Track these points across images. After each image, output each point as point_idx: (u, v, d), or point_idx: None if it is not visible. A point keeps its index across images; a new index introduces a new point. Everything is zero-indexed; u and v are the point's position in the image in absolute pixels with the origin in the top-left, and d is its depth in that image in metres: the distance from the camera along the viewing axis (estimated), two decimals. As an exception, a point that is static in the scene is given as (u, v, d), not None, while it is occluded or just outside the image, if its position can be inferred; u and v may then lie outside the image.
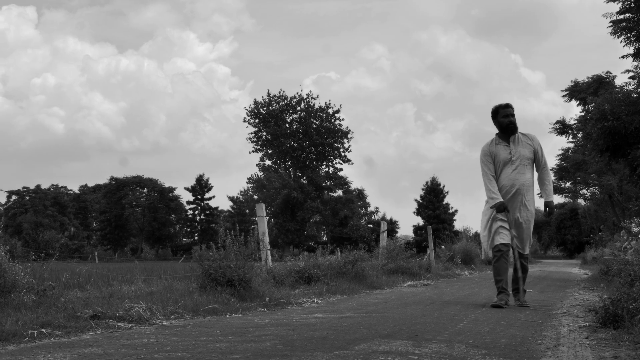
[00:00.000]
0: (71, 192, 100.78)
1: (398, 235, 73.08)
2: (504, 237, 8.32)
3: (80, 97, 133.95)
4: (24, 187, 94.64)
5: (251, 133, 76.88)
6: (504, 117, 8.50)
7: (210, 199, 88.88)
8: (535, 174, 8.68)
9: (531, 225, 8.62)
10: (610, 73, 29.65)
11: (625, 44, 20.62)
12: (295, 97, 76.21)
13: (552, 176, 8.80)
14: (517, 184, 8.38)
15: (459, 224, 75.06)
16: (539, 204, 8.97)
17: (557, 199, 77.65)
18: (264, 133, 76.15)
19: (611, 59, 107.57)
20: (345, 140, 76.87)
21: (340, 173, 78.18)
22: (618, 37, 20.58)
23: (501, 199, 8.34)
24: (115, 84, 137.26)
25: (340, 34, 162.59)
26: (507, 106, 8.56)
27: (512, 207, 8.40)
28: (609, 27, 20.63)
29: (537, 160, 8.60)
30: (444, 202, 77.51)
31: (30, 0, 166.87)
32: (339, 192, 79.37)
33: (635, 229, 8.67)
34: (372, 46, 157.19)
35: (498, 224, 8.40)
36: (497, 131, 8.67)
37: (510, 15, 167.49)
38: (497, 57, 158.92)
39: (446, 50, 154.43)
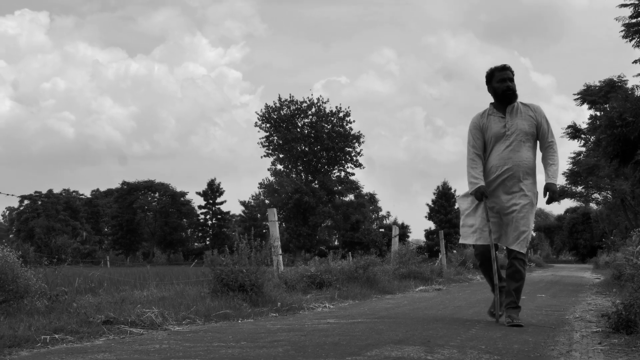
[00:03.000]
0: (83, 196, 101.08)
1: (410, 239, 73.10)
2: (486, 236, 6.88)
3: (90, 102, 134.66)
4: (36, 192, 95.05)
5: (262, 137, 76.92)
6: (499, 82, 6.93)
7: (221, 203, 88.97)
8: (539, 154, 7.07)
9: (529, 214, 6.83)
10: (622, 77, 29.62)
11: (638, 47, 20.60)
12: (305, 102, 76.21)
13: (559, 157, 7.06)
14: (511, 163, 6.78)
15: (470, 228, 74.88)
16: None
17: (569, 203, 77.46)
18: (275, 137, 76.15)
19: (623, 62, 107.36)
20: (357, 145, 76.81)
21: (352, 177, 78.15)
22: (630, 41, 20.58)
23: (482, 183, 6.84)
24: (125, 88, 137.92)
25: (350, 39, 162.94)
26: (504, 68, 6.98)
27: (501, 191, 6.86)
28: (622, 31, 20.63)
29: (541, 135, 6.96)
30: (456, 207, 77.42)
31: (43, 5, 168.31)
32: (351, 197, 79.30)
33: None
34: (382, 50, 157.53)
35: (482, 216, 6.93)
36: (492, 100, 7.11)
37: (519, 19, 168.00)
38: (507, 60, 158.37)
39: (455, 54, 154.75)
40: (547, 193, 6.86)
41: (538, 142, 7.01)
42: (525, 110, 6.97)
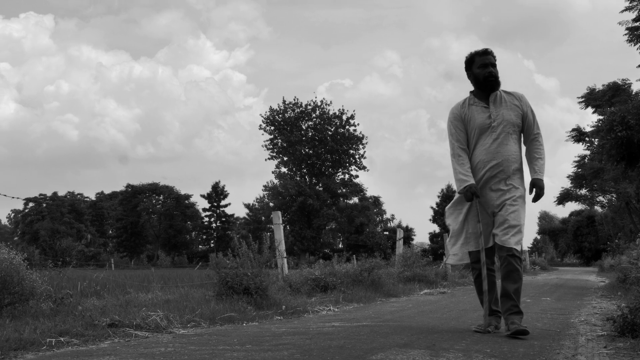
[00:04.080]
0: (88, 199, 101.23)
1: (414, 242, 73.12)
2: (486, 240, 6.25)
3: (94, 105, 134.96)
4: (40, 194, 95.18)
5: (267, 140, 77.05)
6: (480, 68, 6.29)
7: (226, 206, 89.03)
8: (524, 148, 6.43)
9: (521, 209, 6.15)
10: (627, 80, 29.58)
11: (642, 51, 20.59)
12: (310, 104, 76.29)
13: (545, 150, 6.38)
14: (499, 158, 6.15)
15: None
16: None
17: (573, 206, 77.31)
18: (280, 140, 76.23)
19: (627, 64, 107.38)
20: (361, 146, 76.82)
21: (356, 180, 78.17)
22: (634, 45, 20.57)
23: (472, 181, 6.16)
24: (129, 91, 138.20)
25: (354, 41, 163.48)
26: (486, 53, 6.32)
27: (488, 189, 6.22)
28: (625, 34, 20.62)
29: (526, 127, 6.33)
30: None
31: (48, 8, 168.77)
32: (355, 199, 79.35)
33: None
34: (385, 53, 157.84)
35: (475, 214, 6.30)
36: (472, 89, 6.49)
37: (522, 22, 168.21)
38: (511, 63, 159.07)
39: (459, 57, 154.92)
40: (534, 190, 6.23)
41: (522, 134, 6.39)
42: (509, 99, 6.34)
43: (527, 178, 6.34)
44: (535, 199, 6.21)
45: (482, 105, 6.28)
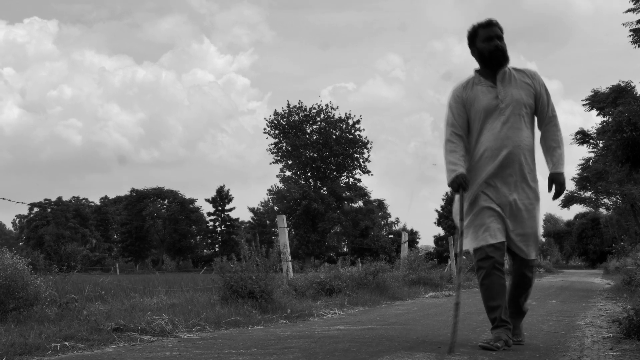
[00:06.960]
0: (92, 204, 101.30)
1: (419, 245, 73.01)
2: (495, 234, 5.31)
3: (97, 109, 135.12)
4: (45, 199, 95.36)
5: (271, 144, 77.08)
6: (485, 41, 5.46)
7: (230, 210, 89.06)
8: (538, 132, 5.60)
9: (537, 213, 5.45)
10: (630, 83, 29.57)
11: (647, 52, 20.61)
12: (314, 108, 76.34)
13: (563, 136, 5.59)
14: (510, 145, 5.31)
15: (480, 234, 74.95)
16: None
17: (578, 209, 77.12)
18: (284, 144, 76.25)
19: (630, 66, 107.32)
20: (365, 151, 76.87)
21: (361, 184, 78.15)
22: (639, 47, 20.57)
23: (461, 170, 5.36)
24: (132, 95, 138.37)
25: (357, 45, 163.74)
26: (490, 24, 5.48)
27: (498, 182, 5.39)
28: (629, 36, 20.63)
29: (540, 108, 5.50)
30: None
31: (53, 13, 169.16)
32: (360, 203, 79.29)
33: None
34: (388, 56, 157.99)
35: (484, 206, 5.41)
36: (477, 67, 5.63)
37: (524, 24, 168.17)
38: (513, 65, 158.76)
39: (461, 59, 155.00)
40: (554, 186, 5.40)
41: (536, 117, 5.57)
42: (520, 76, 5.52)
43: (541, 169, 5.58)
44: (555, 197, 5.41)
45: (488, 84, 5.46)
